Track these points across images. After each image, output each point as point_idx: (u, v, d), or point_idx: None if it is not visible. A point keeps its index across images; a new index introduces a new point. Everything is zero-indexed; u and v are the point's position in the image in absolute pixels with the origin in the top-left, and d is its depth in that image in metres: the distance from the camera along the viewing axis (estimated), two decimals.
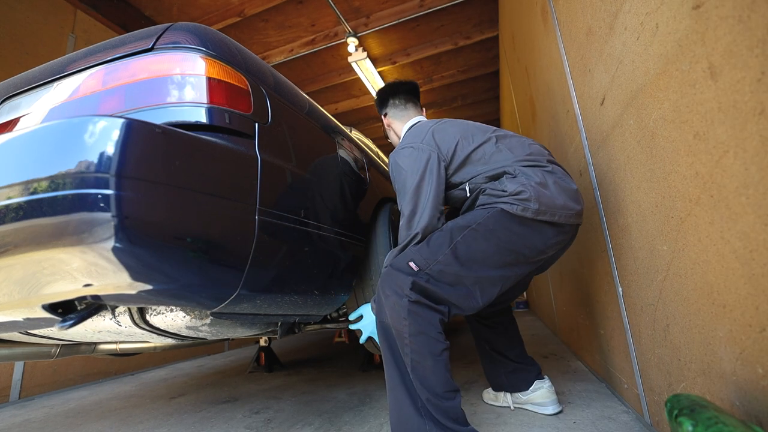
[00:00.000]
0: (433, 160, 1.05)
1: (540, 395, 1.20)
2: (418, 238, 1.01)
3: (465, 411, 0.99)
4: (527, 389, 1.22)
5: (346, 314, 1.36)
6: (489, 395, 1.35)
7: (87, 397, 2.06)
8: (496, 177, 1.05)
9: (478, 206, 1.03)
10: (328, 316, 1.36)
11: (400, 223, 1.08)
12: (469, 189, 1.08)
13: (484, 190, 1.03)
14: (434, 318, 0.91)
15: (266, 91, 0.86)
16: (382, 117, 1.35)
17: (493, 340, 1.27)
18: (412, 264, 0.95)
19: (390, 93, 1.33)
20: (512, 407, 1.26)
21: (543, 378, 1.22)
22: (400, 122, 1.30)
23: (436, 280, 0.94)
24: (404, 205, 1.06)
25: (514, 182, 0.98)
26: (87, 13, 2.86)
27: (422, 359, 0.88)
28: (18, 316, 0.75)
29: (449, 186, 1.11)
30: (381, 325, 0.95)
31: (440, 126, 1.14)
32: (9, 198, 0.54)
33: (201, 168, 0.65)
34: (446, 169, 1.08)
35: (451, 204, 1.19)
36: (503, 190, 0.98)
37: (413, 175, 1.04)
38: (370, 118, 5.64)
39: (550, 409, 1.18)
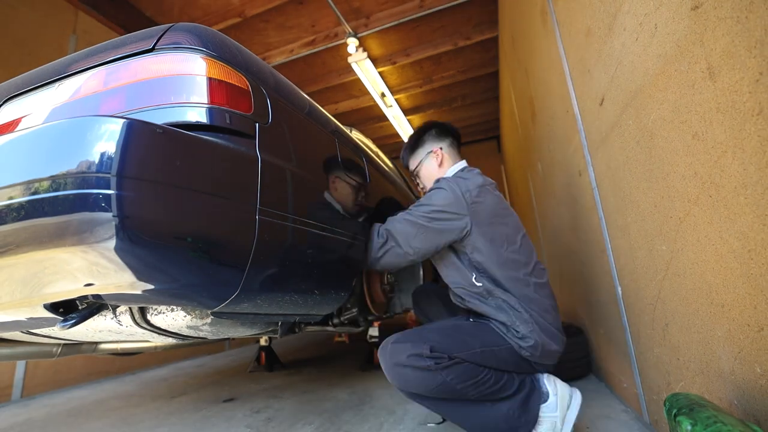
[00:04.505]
0: (458, 225, 1.08)
1: None
2: (382, 259, 1.15)
3: None
4: None
5: (348, 318, 1.36)
6: None
7: (88, 396, 2.06)
8: (504, 286, 1.06)
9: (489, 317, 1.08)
10: (330, 322, 1.37)
11: (399, 214, 1.14)
12: (480, 280, 1.10)
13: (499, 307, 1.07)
14: None
15: (267, 92, 0.86)
16: (437, 149, 1.30)
17: None
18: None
19: (455, 135, 1.35)
20: None
21: None
22: (451, 161, 1.31)
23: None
24: (414, 211, 1.11)
25: (524, 324, 1.02)
26: (88, 13, 2.86)
27: None
28: (20, 316, 0.75)
29: (453, 249, 1.14)
30: None
31: (498, 207, 1.13)
32: (11, 198, 0.54)
33: (202, 168, 0.65)
34: (464, 237, 1.09)
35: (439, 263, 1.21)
36: (516, 331, 1.02)
37: (437, 209, 1.08)
38: (370, 118, 5.64)
39: None
